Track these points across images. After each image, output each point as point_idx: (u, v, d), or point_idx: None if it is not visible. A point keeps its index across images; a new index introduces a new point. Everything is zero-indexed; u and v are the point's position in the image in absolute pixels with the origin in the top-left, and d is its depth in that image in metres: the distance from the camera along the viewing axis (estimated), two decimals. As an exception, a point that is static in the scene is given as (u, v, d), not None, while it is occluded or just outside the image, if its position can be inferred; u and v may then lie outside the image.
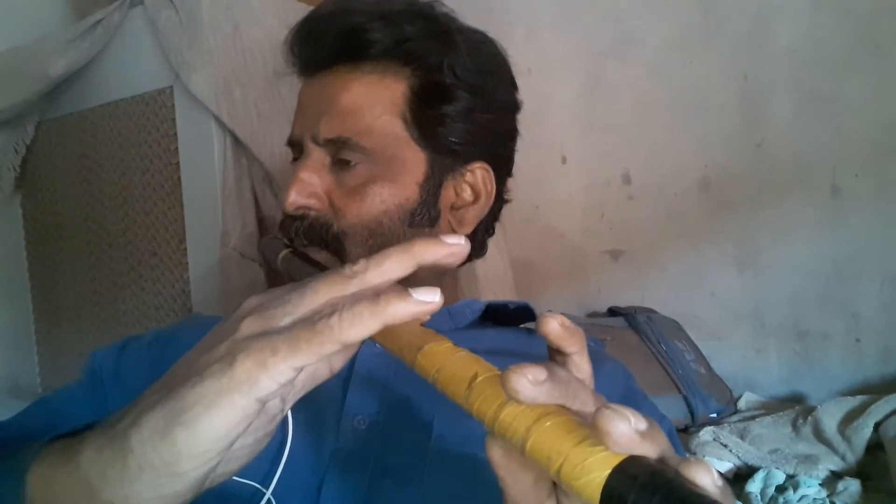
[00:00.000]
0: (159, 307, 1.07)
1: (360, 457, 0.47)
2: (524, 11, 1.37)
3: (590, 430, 0.25)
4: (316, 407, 0.47)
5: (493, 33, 0.62)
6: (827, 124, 1.06)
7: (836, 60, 1.05)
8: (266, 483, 0.44)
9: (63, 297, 1.21)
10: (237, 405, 0.29)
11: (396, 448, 0.48)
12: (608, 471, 0.24)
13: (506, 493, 0.29)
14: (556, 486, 0.29)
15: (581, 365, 0.31)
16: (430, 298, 0.29)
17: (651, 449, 0.25)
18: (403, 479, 0.47)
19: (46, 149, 1.20)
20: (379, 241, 0.55)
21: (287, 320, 0.30)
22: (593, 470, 0.24)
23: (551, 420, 0.26)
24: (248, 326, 0.30)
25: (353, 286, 0.30)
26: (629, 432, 0.24)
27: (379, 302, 0.29)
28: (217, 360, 0.29)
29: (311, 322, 0.29)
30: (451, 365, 0.30)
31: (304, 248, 0.55)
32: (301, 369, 0.29)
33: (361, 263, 0.31)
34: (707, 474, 0.24)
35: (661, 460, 0.25)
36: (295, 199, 0.55)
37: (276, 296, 0.32)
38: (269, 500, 0.43)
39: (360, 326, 0.28)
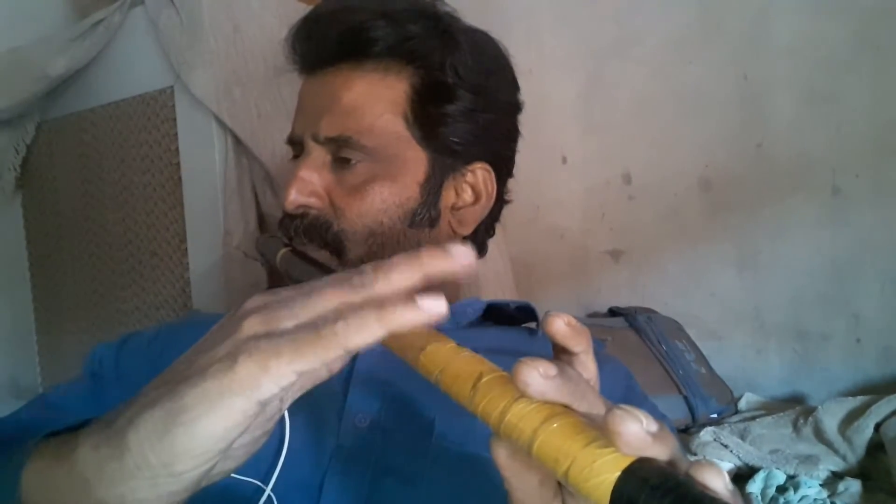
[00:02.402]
0: (160, 306, 1.07)
1: (362, 455, 0.47)
2: (524, 11, 1.37)
3: (598, 431, 0.25)
4: (317, 405, 0.47)
5: (492, 33, 0.62)
6: (827, 124, 1.06)
7: (837, 60, 1.05)
8: (266, 481, 0.44)
9: (64, 297, 1.21)
10: (237, 407, 0.28)
11: (398, 447, 0.48)
12: (618, 473, 0.23)
13: (511, 495, 0.29)
14: (561, 487, 0.29)
15: (587, 364, 0.31)
16: (435, 307, 0.29)
17: (661, 451, 0.24)
18: (405, 478, 0.47)
19: (47, 149, 1.20)
20: (379, 240, 0.55)
21: (291, 323, 0.30)
22: (602, 472, 0.23)
23: (559, 421, 0.26)
24: (251, 326, 0.30)
25: (359, 295, 0.30)
26: (640, 433, 0.24)
27: (385, 309, 0.28)
28: (218, 359, 0.29)
29: (316, 327, 0.29)
30: (455, 365, 0.30)
31: (303, 247, 0.55)
32: (303, 373, 0.29)
33: (368, 274, 0.31)
34: (718, 477, 0.24)
35: (672, 462, 0.25)
36: (295, 197, 0.55)
37: (279, 297, 0.32)
38: (269, 497, 0.43)
39: (365, 333, 0.28)
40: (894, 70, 1.01)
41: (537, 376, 0.26)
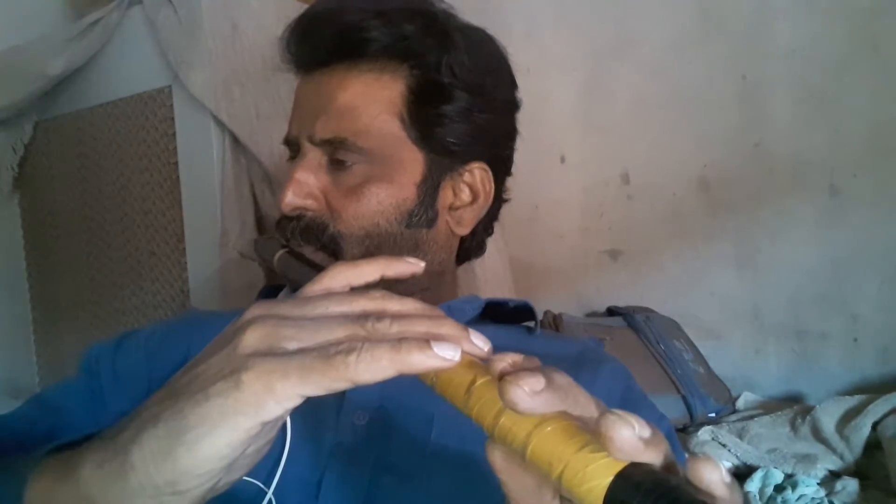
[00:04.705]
0: (158, 306, 1.07)
1: (360, 452, 0.47)
2: (523, 10, 1.37)
3: (591, 435, 0.25)
4: (315, 402, 0.47)
5: (491, 32, 0.62)
6: (825, 124, 1.06)
7: (835, 60, 1.05)
8: (268, 482, 0.43)
9: (62, 297, 1.21)
10: (241, 427, 0.28)
11: (396, 444, 0.48)
12: (610, 478, 0.23)
13: (508, 496, 0.29)
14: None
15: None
16: (450, 355, 0.29)
17: (654, 456, 0.24)
18: (404, 475, 0.47)
19: (45, 148, 1.19)
20: (375, 242, 0.55)
21: (295, 345, 0.30)
22: (595, 477, 0.24)
23: (551, 425, 0.26)
24: (254, 341, 0.30)
25: (374, 335, 0.30)
26: (632, 438, 0.24)
27: (399, 350, 0.28)
28: (223, 377, 0.29)
29: (327, 354, 0.28)
30: (450, 369, 0.30)
31: (300, 248, 0.55)
32: (307, 397, 0.29)
33: (383, 314, 0.31)
34: (714, 470, 0.23)
35: (665, 467, 0.25)
36: (291, 199, 0.55)
37: (282, 311, 0.31)
38: (270, 499, 0.43)
39: (376, 371, 0.28)
40: (892, 70, 1.01)
41: (524, 395, 0.26)
